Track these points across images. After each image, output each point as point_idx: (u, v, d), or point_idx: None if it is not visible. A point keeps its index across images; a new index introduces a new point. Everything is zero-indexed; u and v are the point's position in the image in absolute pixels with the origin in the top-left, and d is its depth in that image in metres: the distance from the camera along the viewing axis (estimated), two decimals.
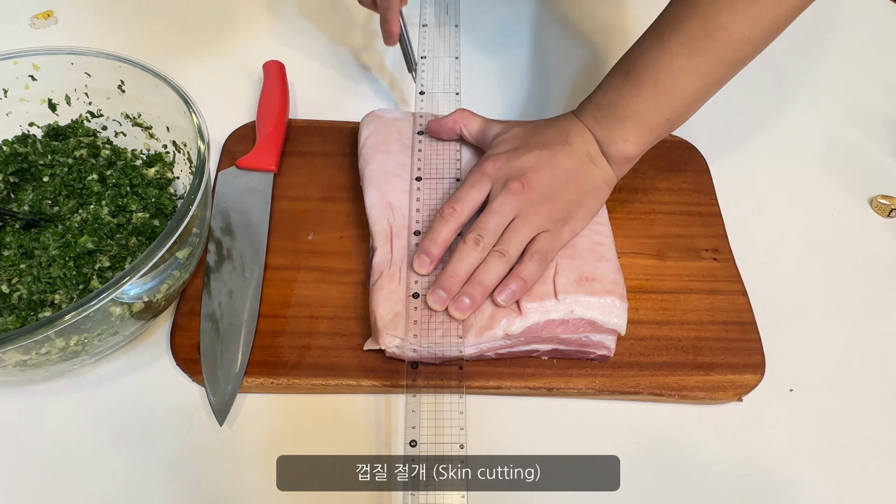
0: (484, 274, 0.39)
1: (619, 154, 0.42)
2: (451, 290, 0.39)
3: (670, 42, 0.40)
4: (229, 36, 0.60)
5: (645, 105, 0.41)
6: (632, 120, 0.42)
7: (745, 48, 0.40)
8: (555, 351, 0.41)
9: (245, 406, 0.40)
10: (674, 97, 0.41)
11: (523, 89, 0.58)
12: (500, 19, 0.63)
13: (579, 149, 0.43)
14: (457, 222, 0.41)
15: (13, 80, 0.44)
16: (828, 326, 0.45)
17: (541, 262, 0.40)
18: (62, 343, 0.35)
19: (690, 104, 0.42)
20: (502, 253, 0.40)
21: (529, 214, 0.40)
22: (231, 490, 0.37)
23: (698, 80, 0.41)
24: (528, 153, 0.42)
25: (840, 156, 0.54)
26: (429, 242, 0.41)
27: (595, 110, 0.43)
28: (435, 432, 0.37)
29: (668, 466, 0.39)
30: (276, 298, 0.43)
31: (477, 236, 0.40)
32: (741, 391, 0.41)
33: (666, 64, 0.40)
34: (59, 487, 0.37)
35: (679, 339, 0.43)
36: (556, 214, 0.41)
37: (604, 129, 0.42)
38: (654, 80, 0.41)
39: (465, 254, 0.40)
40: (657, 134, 0.43)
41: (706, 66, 0.40)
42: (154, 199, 0.43)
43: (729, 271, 0.46)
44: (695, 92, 0.41)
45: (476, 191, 0.41)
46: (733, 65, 0.41)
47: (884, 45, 0.63)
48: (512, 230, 0.40)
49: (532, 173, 0.41)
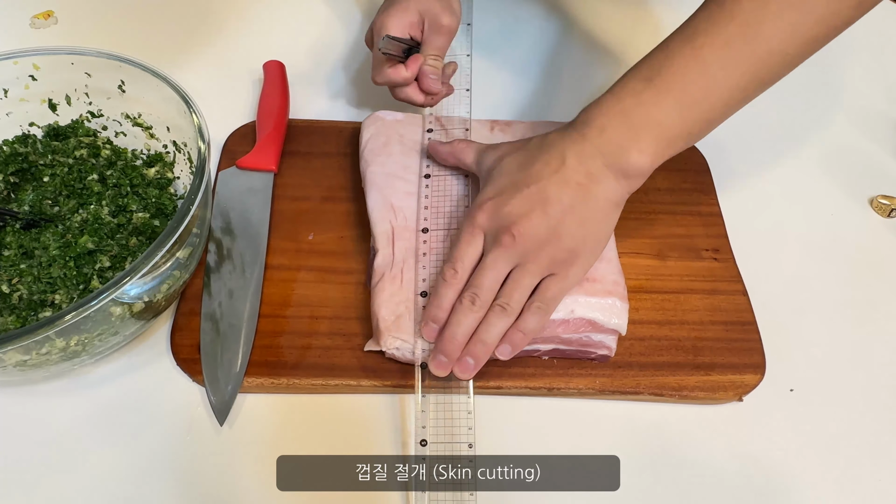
0: (485, 333, 0.37)
1: (632, 167, 0.38)
2: (452, 355, 0.37)
3: (703, 48, 0.37)
4: (229, 36, 0.60)
5: (668, 115, 0.38)
6: (650, 130, 0.38)
7: (779, 64, 0.37)
8: (556, 351, 0.41)
9: (245, 406, 0.40)
10: (700, 110, 0.38)
11: (528, 86, 0.58)
12: (505, 17, 0.63)
13: (575, 172, 0.38)
14: (459, 283, 0.38)
15: (13, 80, 0.44)
16: (828, 326, 0.45)
17: (543, 313, 0.38)
18: (62, 343, 0.35)
19: (715, 119, 0.39)
20: (503, 307, 0.37)
21: (527, 263, 0.38)
22: (231, 490, 0.37)
23: (729, 93, 0.38)
24: (517, 194, 0.38)
25: (840, 156, 0.54)
26: (435, 309, 0.38)
27: (604, 119, 0.39)
28: (444, 432, 0.37)
29: (668, 467, 0.39)
30: (276, 298, 0.43)
31: (473, 295, 0.37)
32: (741, 391, 0.41)
33: (697, 73, 0.37)
34: (60, 487, 0.37)
35: (679, 339, 0.43)
36: (559, 256, 0.38)
37: (613, 140, 0.38)
38: (681, 88, 0.37)
39: (462, 316, 0.37)
40: (676, 148, 0.39)
41: (741, 79, 0.37)
42: (154, 199, 0.43)
43: (729, 271, 0.46)
44: (723, 106, 0.38)
45: (472, 247, 0.39)
46: (764, 81, 0.38)
47: (884, 45, 0.63)
48: (512, 282, 0.38)
49: (523, 220, 0.37)
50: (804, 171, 0.53)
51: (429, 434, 0.37)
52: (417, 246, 0.42)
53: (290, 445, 0.39)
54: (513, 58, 0.60)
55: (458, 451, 0.37)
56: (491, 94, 0.56)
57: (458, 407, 0.38)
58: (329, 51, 0.58)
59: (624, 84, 0.39)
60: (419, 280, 0.41)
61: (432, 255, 0.42)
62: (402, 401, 0.41)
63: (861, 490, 0.39)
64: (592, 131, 0.39)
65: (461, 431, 0.37)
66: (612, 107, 0.39)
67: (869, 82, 0.60)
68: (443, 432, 0.37)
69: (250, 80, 0.56)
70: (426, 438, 0.37)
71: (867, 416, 0.41)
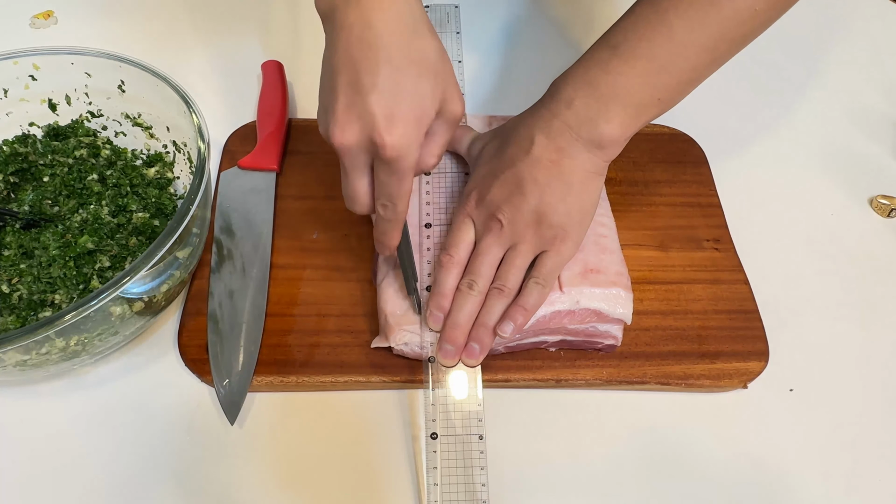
0: (487, 316, 0.38)
1: (604, 138, 0.38)
2: (458, 342, 0.37)
3: (668, 12, 0.36)
4: (229, 36, 0.60)
5: (635, 83, 0.37)
6: (619, 100, 0.37)
7: (750, 21, 0.36)
8: (563, 342, 0.41)
9: (254, 405, 0.40)
10: (669, 75, 0.37)
11: (520, 88, 0.58)
12: (496, 19, 0.64)
13: (545, 149, 0.38)
14: (457, 267, 0.39)
15: (13, 80, 0.43)
16: (828, 326, 0.45)
17: (541, 287, 0.38)
18: (62, 343, 0.35)
19: (685, 83, 0.38)
20: (500, 289, 0.38)
21: (518, 245, 0.38)
22: (241, 488, 0.37)
23: (697, 56, 0.37)
24: (495, 181, 0.39)
25: (840, 156, 0.54)
26: (438, 297, 0.38)
27: (571, 91, 0.38)
28: (454, 424, 0.37)
29: (670, 464, 0.39)
30: (282, 297, 0.43)
31: (470, 281, 0.38)
32: (746, 378, 0.41)
33: (663, 37, 0.36)
34: (60, 487, 0.36)
35: (684, 329, 0.43)
36: (547, 233, 0.38)
37: (581, 112, 0.38)
38: (648, 55, 0.37)
39: (462, 302, 0.38)
40: (647, 116, 0.38)
41: (708, 40, 0.36)
42: (154, 199, 0.43)
43: (730, 261, 0.46)
44: (691, 69, 0.37)
45: (464, 232, 0.40)
46: (736, 41, 0.37)
47: (884, 45, 0.63)
48: (506, 263, 0.38)
49: (505, 205, 0.38)
50: (804, 170, 0.53)
51: (439, 427, 0.37)
52: (420, 241, 0.42)
53: (300, 443, 0.38)
54: (502, 58, 0.60)
55: (471, 443, 0.36)
56: (486, 90, 0.56)
57: (468, 399, 0.38)
58: None
59: (591, 54, 0.39)
60: (423, 274, 0.41)
61: (436, 250, 0.42)
62: (411, 396, 0.40)
63: (862, 490, 0.39)
64: (560, 105, 0.39)
65: (472, 423, 0.37)
66: (579, 78, 0.38)
67: (869, 82, 0.60)
68: (453, 425, 0.37)
69: (250, 80, 0.56)
70: (436, 432, 0.37)
71: (865, 416, 0.41)
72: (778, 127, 0.56)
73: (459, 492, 0.36)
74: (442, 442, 0.37)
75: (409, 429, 0.39)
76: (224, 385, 0.39)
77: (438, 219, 0.43)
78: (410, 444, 0.39)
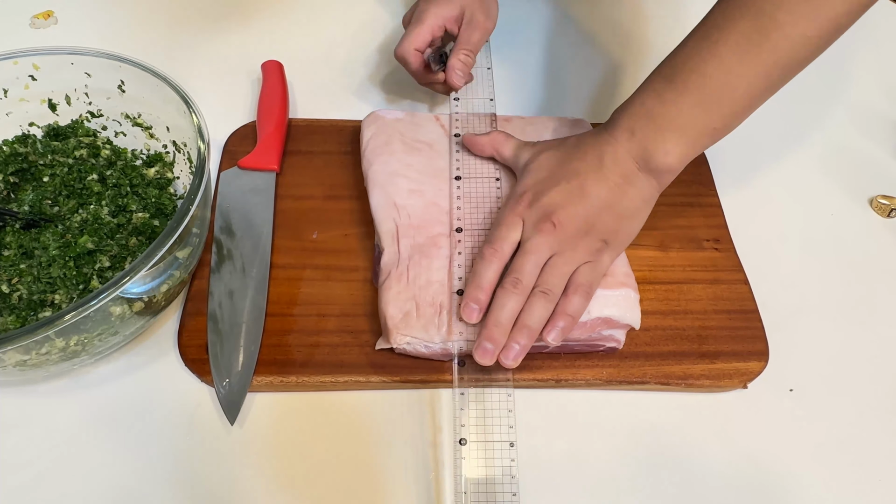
0: (529, 317, 0.37)
1: (661, 167, 0.40)
2: (497, 341, 0.37)
3: (719, 43, 0.37)
4: (229, 36, 0.60)
5: (689, 113, 0.38)
6: (674, 131, 0.39)
7: (802, 48, 0.37)
8: (565, 346, 0.41)
9: (255, 405, 0.39)
10: (722, 104, 0.38)
11: (540, 88, 0.58)
12: (515, 20, 0.63)
13: (612, 172, 0.40)
14: (500, 262, 0.39)
15: (13, 80, 0.43)
16: (827, 326, 0.45)
17: (585, 295, 0.38)
18: (62, 343, 0.35)
19: (740, 112, 0.39)
20: (545, 292, 0.37)
21: (566, 251, 0.39)
22: (241, 488, 0.37)
23: (749, 84, 0.37)
24: (556, 187, 0.40)
25: (840, 156, 0.54)
26: (475, 290, 0.38)
27: (631, 122, 0.40)
28: (484, 429, 0.36)
29: (670, 464, 0.39)
30: (282, 297, 0.43)
31: (515, 279, 0.37)
32: (746, 378, 0.41)
33: (714, 67, 0.37)
34: (60, 487, 0.36)
35: (684, 329, 0.43)
36: (594, 246, 0.39)
37: (641, 142, 0.39)
38: (699, 85, 0.38)
39: (505, 300, 0.37)
40: (701, 145, 0.40)
41: (760, 68, 0.37)
42: (154, 199, 0.43)
43: (730, 260, 0.46)
44: (745, 97, 0.38)
45: (511, 231, 0.40)
46: (789, 67, 0.38)
47: (884, 45, 0.63)
48: (551, 267, 0.38)
49: (563, 210, 0.39)
50: (804, 170, 0.53)
51: (468, 432, 0.36)
52: (452, 245, 0.42)
53: (300, 443, 0.38)
54: (511, 54, 0.60)
55: (501, 450, 0.36)
56: (514, 94, 0.56)
57: (498, 405, 0.37)
58: (328, 50, 0.59)
59: (647, 85, 0.41)
60: (454, 278, 0.40)
61: (467, 255, 0.42)
62: (412, 396, 0.40)
63: (861, 489, 0.39)
64: (623, 134, 0.40)
65: (503, 430, 0.36)
66: (636, 109, 0.40)
67: (869, 82, 0.60)
68: (482, 430, 0.36)
69: (250, 80, 0.56)
70: (465, 437, 0.36)
71: (865, 416, 0.41)
72: (778, 127, 0.56)
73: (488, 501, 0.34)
74: (471, 448, 0.35)
75: (410, 428, 0.39)
76: (224, 385, 0.39)
77: (470, 223, 0.43)
78: (411, 444, 0.39)
